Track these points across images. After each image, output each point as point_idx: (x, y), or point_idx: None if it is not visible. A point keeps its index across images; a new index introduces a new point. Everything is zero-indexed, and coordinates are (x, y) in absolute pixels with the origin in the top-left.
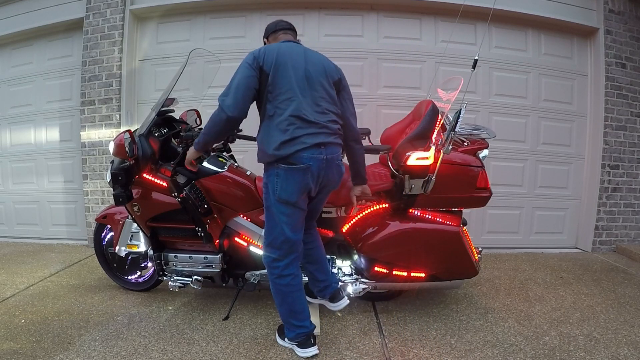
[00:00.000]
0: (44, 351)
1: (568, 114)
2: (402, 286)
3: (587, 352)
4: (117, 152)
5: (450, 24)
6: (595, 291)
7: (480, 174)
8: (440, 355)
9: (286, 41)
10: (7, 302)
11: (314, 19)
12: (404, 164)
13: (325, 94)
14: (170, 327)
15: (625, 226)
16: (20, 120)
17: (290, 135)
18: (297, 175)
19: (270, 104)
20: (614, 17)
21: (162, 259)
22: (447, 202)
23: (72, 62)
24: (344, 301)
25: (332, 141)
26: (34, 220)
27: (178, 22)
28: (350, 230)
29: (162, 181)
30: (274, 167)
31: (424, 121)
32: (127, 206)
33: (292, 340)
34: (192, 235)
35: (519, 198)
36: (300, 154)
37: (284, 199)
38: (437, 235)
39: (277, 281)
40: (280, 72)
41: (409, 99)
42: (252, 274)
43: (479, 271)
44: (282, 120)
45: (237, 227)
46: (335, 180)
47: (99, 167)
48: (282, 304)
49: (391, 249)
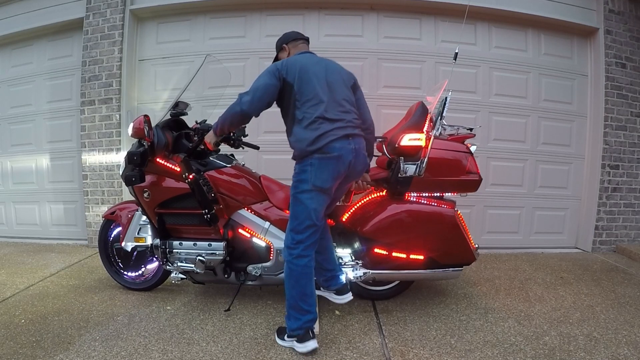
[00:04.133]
0: (44, 351)
1: (568, 114)
2: (400, 276)
3: (587, 352)
4: (135, 133)
5: (451, 24)
6: (595, 291)
7: (470, 158)
8: (440, 355)
9: (304, 52)
10: (7, 302)
11: (314, 19)
12: (398, 145)
13: (346, 97)
14: (170, 327)
15: (625, 226)
16: (20, 120)
17: (322, 130)
18: (331, 164)
19: (298, 110)
20: (614, 17)
21: (167, 246)
22: (440, 185)
23: (72, 62)
24: (348, 295)
25: (357, 133)
26: (34, 220)
27: (178, 22)
28: (350, 218)
29: (174, 165)
30: (307, 158)
31: (414, 116)
32: (137, 193)
33: (295, 331)
34: (197, 223)
35: (519, 198)
36: (332, 144)
37: (318, 185)
38: (434, 217)
39: (295, 261)
40: (304, 82)
41: (409, 99)
42: (255, 267)
43: (477, 258)
44: (311, 122)
45: (241, 219)
46: (359, 170)
47: (98, 167)
48: (295, 286)
49: (390, 230)
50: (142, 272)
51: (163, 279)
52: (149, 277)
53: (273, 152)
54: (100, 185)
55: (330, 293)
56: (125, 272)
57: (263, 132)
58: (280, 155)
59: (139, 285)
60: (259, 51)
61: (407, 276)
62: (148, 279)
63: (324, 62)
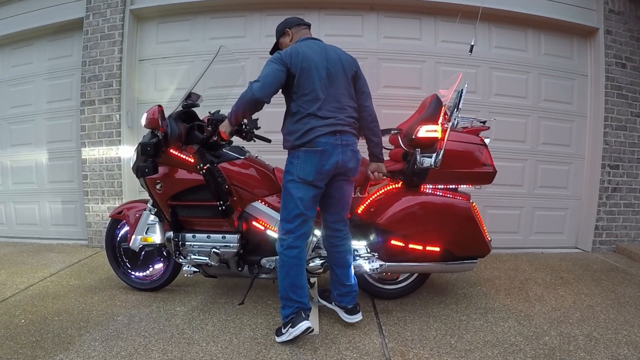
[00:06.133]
0: (44, 351)
1: (568, 114)
2: (416, 268)
3: (587, 352)
4: (149, 123)
5: (451, 24)
6: (595, 291)
7: (484, 151)
8: (440, 355)
9: (307, 38)
10: (7, 302)
11: (314, 19)
12: (415, 137)
13: (344, 90)
14: (170, 327)
15: (625, 226)
16: (20, 120)
17: (310, 125)
18: (315, 157)
19: (294, 103)
20: (614, 17)
21: (180, 239)
22: (456, 177)
23: (72, 62)
24: (358, 316)
25: (346, 130)
26: (34, 220)
27: (178, 22)
28: (366, 210)
29: (188, 157)
30: (295, 151)
31: (429, 108)
32: (149, 185)
33: (289, 317)
34: (211, 215)
35: (519, 198)
36: (318, 139)
37: (302, 177)
38: (451, 209)
39: (286, 252)
40: (304, 75)
41: (409, 99)
42: (268, 260)
43: (491, 249)
44: (303, 117)
45: (254, 212)
46: (352, 167)
47: (98, 167)
48: (286, 277)
49: (407, 221)
50: (150, 272)
51: (171, 279)
52: (157, 277)
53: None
54: (100, 185)
55: (341, 310)
56: (132, 272)
57: (263, 133)
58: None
59: (147, 286)
60: (259, 51)
61: (423, 268)
62: (156, 279)
63: (326, 51)
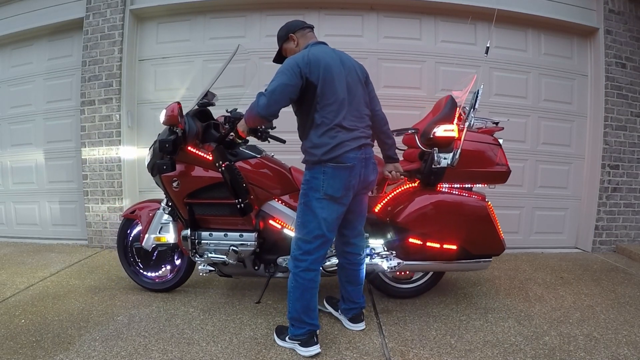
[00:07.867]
0: (44, 351)
1: (568, 114)
2: (433, 266)
3: (587, 352)
4: (168, 120)
5: (451, 24)
6: (595, 291)
7: (499, 151)
8: (440, 355)
9: (317, 43)
10: (7, 302)
11: (314, 19)
12: (433, 136)
13: (361, 98)
14: (170, 327)
15: (625, 226)
16: (20, 120)
17: (339, 140)
18: (344, 173)
19: (317, 114)
20: (614, 17)
21: (196, 237)
22: (472, 176)
23: (72, 62)
24: (362, 324)
25: (368, 143)
26: (34, 220)
27: (178, 22)
28: (383, 209)
29: (206, 154)
30: (320, 166)
31: (444, 109)
32: (165, 183)
33: (299, 337)
34: (228, 213)
35: (519, 198)
36: (347, 154)
37: (330, 194)
38: (468, 207)
39: (302, 274)
40: (327, 85)
41: (409, 99)
42: (285, 259)
43: (505, 248)
44: (329, 129)
45: (271, 210)
46: (373, 179)
47: (98, 167)
48: (300, 299)
49: (425, 220)
50: (162, 272)
51: (183, 279)
52: (169, 277)
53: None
54: (100, 185)
55: (345, 318)
56: (144, 272)
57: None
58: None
59: (159, 286)
60: (259, 51)
61: (440, 267)
62: (168, 279)
63: (340, 58)
